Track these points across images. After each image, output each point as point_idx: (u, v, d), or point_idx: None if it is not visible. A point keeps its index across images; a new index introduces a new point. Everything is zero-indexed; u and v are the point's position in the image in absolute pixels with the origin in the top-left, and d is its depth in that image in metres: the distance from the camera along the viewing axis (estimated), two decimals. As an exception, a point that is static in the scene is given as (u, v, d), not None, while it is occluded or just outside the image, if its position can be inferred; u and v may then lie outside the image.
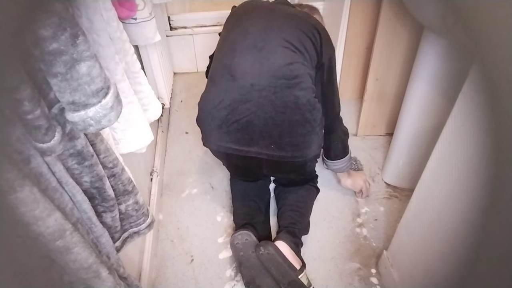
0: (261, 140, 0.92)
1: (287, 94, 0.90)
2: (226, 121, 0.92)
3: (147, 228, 0.71)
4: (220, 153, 1.01)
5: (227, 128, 0.93)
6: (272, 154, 0.94)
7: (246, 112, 0.90)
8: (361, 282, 1.05)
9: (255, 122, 0.91)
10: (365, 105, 1.42)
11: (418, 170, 0.81)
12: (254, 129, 0.91)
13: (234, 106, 0.91)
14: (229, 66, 0.93)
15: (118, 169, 0.59)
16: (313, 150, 0.97)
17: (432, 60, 0.99)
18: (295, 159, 0.96)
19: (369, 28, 1.41)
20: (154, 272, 1.09)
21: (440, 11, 0.84)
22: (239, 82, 0.91)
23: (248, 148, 0.94)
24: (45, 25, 0.36)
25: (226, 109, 0.91)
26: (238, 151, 0.95)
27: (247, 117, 0.91)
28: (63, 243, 0.43)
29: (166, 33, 1.75)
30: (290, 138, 0.92)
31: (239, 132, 0.92)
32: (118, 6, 0.86)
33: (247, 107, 0.90)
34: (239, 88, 0.91)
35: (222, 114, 0.92)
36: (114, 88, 0.46)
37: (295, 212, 1.12)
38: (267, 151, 0.94)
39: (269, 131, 0.91)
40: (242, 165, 1.07)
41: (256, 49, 0.93)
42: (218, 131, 0.94)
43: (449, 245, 0.71)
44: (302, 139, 0.93)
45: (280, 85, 0.90)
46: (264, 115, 0.90)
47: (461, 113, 0.63)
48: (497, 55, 0.47)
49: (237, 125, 0.92)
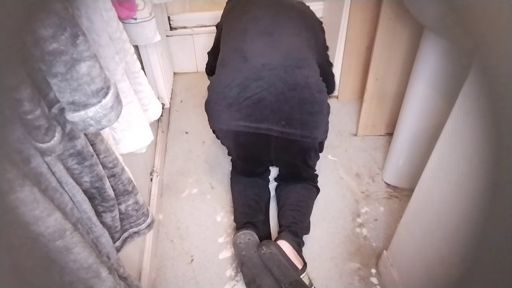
0: (272, 116, 0.95)
1: (297, 73, 0.95)
2: (237, 98, 0.95)
3: (147, 228, 0.71)
4: (230, 132, 1.02)
5: (238, 106, 0.95)
6: (282, 131, 0.96)
7: (257, 89, 0.94)
8: (361, 282, 1.05)
9: (266, 98, 0.94)
10: (365, 105, 1.42)
11: (418, 170, 0.81)
12: (265, 105, 0.94)
13: (246, 83, 0.94)
14: (240, 49, 0.99)
15: (118, 169, 0.59)
16: (320, 132, 1.01)
17: (432, 60, 0.99)
18: (303, 138, 0.98)
19: (369, 28, 1.41)
20: (154, 272, 1.09)
21: (440, 11, 0.84)
22: (251, 62, 0.96)
23: (259, 125, 0.96)
24: (45, 25, 0.36)
25: (238, 87, 0.95)
26: (248, 127, 0.96)
27: (259, 94, 0.94)
28: (63, 243, 0.43)
29: (166, 33, 1.75)
30: (300, 115, 0.95)
31: (250, 108, 0.95)
32: (118, 6, 0.86)
33: (259, 84, 0.94)
34: (251, 68, 0.95)
35: (233, 93, 0.95)
36: (114, 88, 0.46)
37: (296, 212, 1.12)
38: (277, 127, 0.95)
39: (280, 107, 0.94)
40: (250, 145, 1.05)
41: (267, 34, 1.00)
42: (229, 109, 0.96)
43: (449, 245, 0.71)
44: (311, 118, 0.96)
45: (290, 65, 0.95)
46: (276, 91, 0.93)
47: (461, 113, 0.63)
48: (497, 55, 0.47)
49: (249, 101, 0.94)
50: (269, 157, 1.10)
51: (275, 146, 1.02)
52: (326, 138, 1.06)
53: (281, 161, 1.16)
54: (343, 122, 1.57)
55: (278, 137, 0.97)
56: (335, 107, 1.06)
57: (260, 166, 1.21)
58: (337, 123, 1.55)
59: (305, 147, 1.04)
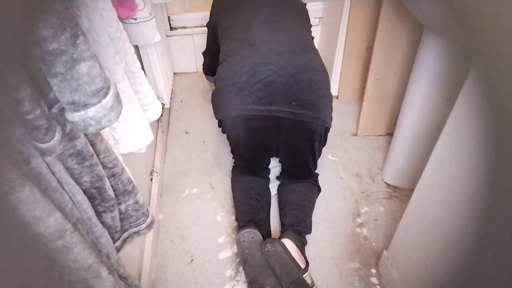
0: (282, 98, 0.97)
1: (304, 56, 0.99)
2: (248, 83, 0.97)
3: (147, 228, 0.71)
4: (240, 118, 1.01)
5: (249, 90, 0.97)
6: (292, 112, 0.97)
7: (267, 73, 0.96)
8: (361, 282, 1.05)
9: (277, 80, 0.96)
10: (365, 105, 1.42)
11: (418, 170, 0.81)
12: (276, 87, 0.96)
13: (255, 69, 0.96)
14: (246, 39, 1.02)
15: (118, 169, 0.59)
16: (328, 115, 1.03)
17: (432, 60, 0.99)
18: (313, 119, 0.99)
19: (369, 28, 1.41)
20: (154, 272, 1.09)
21: (440, 11, 0.84)
22: (259, 49, 0.99)
23: (270, 107, 0.97)
24: (45, 25, 0.36)
25: (248, 73, 0.97)
26: (259, 111, 0.98)
27: (270, 77, 0.96)
28: (63, 243, 0.43)
29: (166, 33, 1.75)
30: (308, 97, 0.97)
31: (261, 91, 0.96)
32: (118, 6, 0.86)
33: (269, 68, 0.96)
34: (259, 54, 0.98)
35: (244, 78, 0.97)
36: (114, 88, 0.46)
37: (299, 211, 1.12)
38: (288, 108, 0.97)
39: (291, 88, 0.96)
40: (260, 128, 1.03)
41: (271, 22, 1.04)
42: (240, 95, 0.97)
43: (449, 245, 0.71)
44: (320, 100, 0.99)
45: (297, 49, 0.99)
46: (285, 74, 0.96)
47: (461, 113, 0.63)
48: (497, 55, 0.47)
49: (259, 85, 0.96)
50: (277, 144, 1.08)
51: (285, 129, 1.02)
52: (331, 126, 1.06)
53: (288, 148, 1.10)
54: (343, 122, 1.57)
55: (288, 119, 0.99)
56: (335, 107, 1.06)
57: (266, 157, 1.20)
58: (337, 123, 1.55)
59: (313, 131, 1.04)
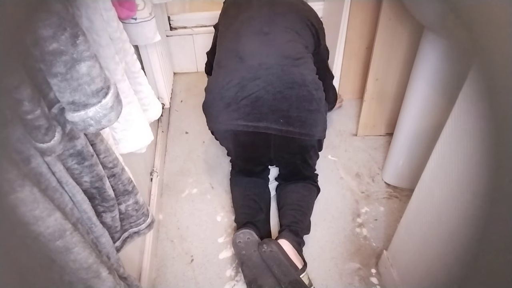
0: (270, 115, 0.95)
1: (294, 71, 0.95)
2: (235, 98, 0.95)
3: (147, 228, 0.71)
4: (229, 132, 1.01)
5: (237, 105, 0.95)
6: (280, 129, 0.96)
7: (255, 88, 0.94)
8: (361, 282, 1.05)
9: (264, 96, 0.94)
10: (365, 105, 1.42)
11: (418, 170, 0.81)
12: (263, 103, 0.94)
13: (243, 83, 0.94)
14: (236, 50, 0.99)
15: (118, 169, 0.59)
16: (319, 131, 1.01)
17: (432, 60, 0.99)
18: (302, 136, 0.98)
19: (369, 28, 1.41)
20: (154, 272, 1.09)
21: (440, 11, 0.84)
22: (248, 62, 0.96)
23: (257, 123, 0.96)
24: (45, 25, 0.36)
25: (236, 87, 0.95)
26: (247, 127, 0.96)
27: (257, 93, 0.94)
28: (63, 243, 0.43)
29: (166, 33, 1.75)
30: (298, 113, 0.95)
31: (248, 107, 0.95)
32: (118, 6, 0.86)
33: (257, 83, 0.94)
34: (248, 68, 0.95)
35: (231, 93, 0.95)
36: (114, 88, 0.46)
37: (297, 211, 1.12)
38: (276, 125, 0.96)
39: (278, 105, 0.94)
40: (250, 144, 1.05)
41: (262, 33, 1.00)
42: (227, 109, 0.96)
43: (449, 245, 0.71)
44: (310, 116, 0.97)
45: (287, 64, 0.96)
46: (273, 90, 0.93)
47: (461, 113, 0.63)
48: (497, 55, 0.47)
49: (247, 101, 0.94)
50: (269, 157, 1.10)
51: (274, 144, 1.02)
52: (325, 136, 1.06)
53: (281, 160, 1.14)
54: (343, 122, 1.57)
55: (277, 136, 0.98)
56: (335, 107, 1.07)
57: (260, 166, 1.21)
58: (337, 123, 1.55)
59: (304, 145, 1.04)
